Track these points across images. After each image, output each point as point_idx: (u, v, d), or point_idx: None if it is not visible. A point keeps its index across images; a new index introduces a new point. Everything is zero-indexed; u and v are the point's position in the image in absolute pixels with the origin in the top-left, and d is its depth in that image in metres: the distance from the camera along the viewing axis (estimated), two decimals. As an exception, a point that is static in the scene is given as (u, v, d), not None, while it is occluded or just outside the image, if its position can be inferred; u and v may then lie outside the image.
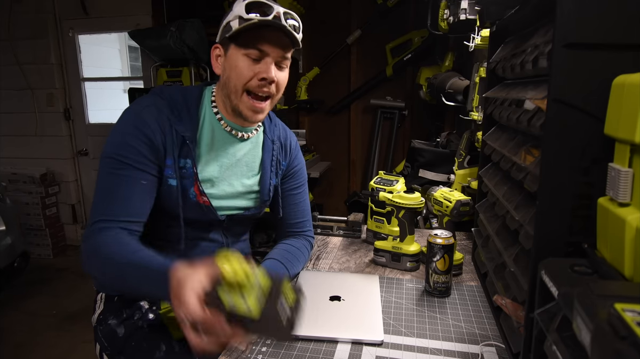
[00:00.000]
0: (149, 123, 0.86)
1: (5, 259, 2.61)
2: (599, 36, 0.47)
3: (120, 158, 0.84)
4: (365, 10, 3.05)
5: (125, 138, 0.85)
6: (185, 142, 0.89)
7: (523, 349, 0.56)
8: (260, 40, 0.85)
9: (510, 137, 0.78)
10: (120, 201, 0.83)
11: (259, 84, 0.87)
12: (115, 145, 0.86)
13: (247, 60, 0.86)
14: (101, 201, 0.84)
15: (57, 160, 3.47)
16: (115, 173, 0.84)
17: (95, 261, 0.80)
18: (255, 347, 0.75)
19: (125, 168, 0.84)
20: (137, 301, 0.93)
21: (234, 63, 0.87)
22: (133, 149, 0.85)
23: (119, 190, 0.84)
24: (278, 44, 0.86)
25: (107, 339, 0.90)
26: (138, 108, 0.89)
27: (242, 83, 0.87)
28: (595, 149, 0.49)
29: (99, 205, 0.83)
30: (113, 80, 3.98)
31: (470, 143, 1.59)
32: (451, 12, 1.68)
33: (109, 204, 0.83)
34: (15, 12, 3.24)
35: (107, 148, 0.87)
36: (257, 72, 0.86)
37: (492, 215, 0.87)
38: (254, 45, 0.85)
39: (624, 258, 0.41)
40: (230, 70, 0.88)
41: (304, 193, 1.12)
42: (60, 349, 2.17)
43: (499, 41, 0.92)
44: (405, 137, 3.21)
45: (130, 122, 0.87)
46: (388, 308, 0.88)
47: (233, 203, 0.98)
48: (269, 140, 1.03)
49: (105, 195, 0.84)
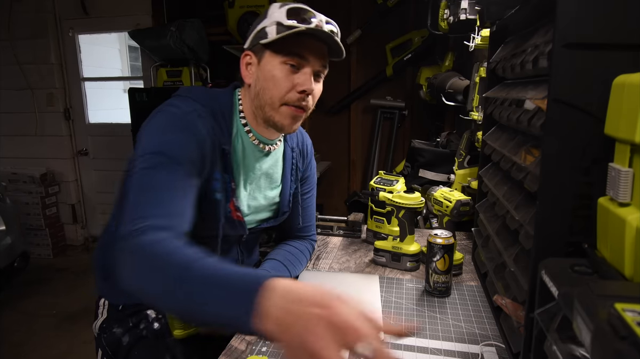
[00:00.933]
0: (199, 129, 0.77)
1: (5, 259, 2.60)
2: (599, 36, 0.47)
3: (171, 153, 0.72)
4: (365, 10, 3.05)
5: (174, 137, 0.74)
6: (225, 154, 0.83)
7: (523, 349, 0.56)
8: (301, 48, 0.80)
9: (510, 137, 0.78)
10: (171, 202, 0.68)
11: (299, 97, 0.81)
12: (162, 142, 0.73)
13: (286, 70, 0.80)
14: (146, 200, 0.67)
15: (57, 160, 3.47)
16: (165, 169, 0.70)
17: (142, 271, 0.58)
18: (255, 347, 0.75)
19: (177, 168, 0.71)
20: (142, 310, 0.91)
21: (270, 73, 0.81)
22: (185, 150, 0.74)
23: (170, 189, 0.69)
24: (319, 53, 0.81)
25: (112, 348, 0.89)
26: (181, 112, 0.78)
27: (280, 95, 0.81)
28: (596, 149, 0.49)
29: (142, 205, 0.66)
30: (113, 80, 3.99)
31: (470, 143, 1.59)
32: (451, 12, 1.68)
33: (158, 205, 0.66)
34: (15, 12, 3.24)
35: (148, 145, 0.73)
36: (296, 83, 0.80)
37: (492, 215, 0.87)
38: (294, 53, 0.79)
39: (624, 258, 0.41)
40: (265, 80, 0.81)
41: (313, 197, 1.10)
42: (60, 349, 2.17)
43: (499, 41, 0.92)
44: (405, 137, 3.21)
45: (178, 124, 0.76)
46: (388, 308, 0.88)
47: (255, 217, 0.96)
48: (289, 148, 0.99)
49: (152, 193, 0.67)
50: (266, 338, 0.47)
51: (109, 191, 3.50)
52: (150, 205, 0.66)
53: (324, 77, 0.87)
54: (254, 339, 0.78)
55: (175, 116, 0.77)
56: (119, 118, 3.34)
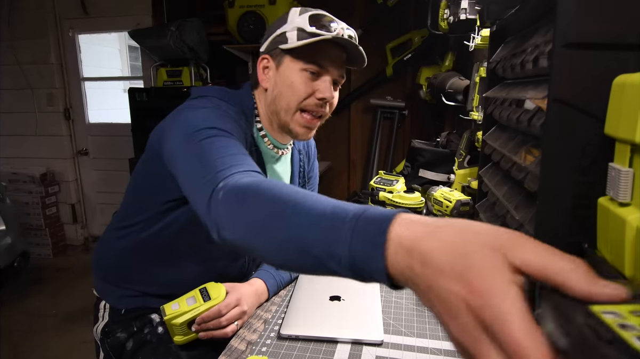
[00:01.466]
0: (237, 121, 0.77)
1: (5, 259, 2.61)
2: (599, 36, 0.47)
3: (224, 127, 0.69)
4: (365, 10, 3.05)
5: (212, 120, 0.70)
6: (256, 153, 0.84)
7: (523, 349, 0.56)
8: (322, 55, 0.79)
9: (510, 136, 0.78)
10: (244, 159, 0.64)
11: (316, 104, 0.81)
12: (200, 121, 0.70)
13: (305, 77, 0.80)
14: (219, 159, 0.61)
15: (57, 159, 3.47)
16: (224, 137, 0.67)
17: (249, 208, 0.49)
18: (255, 347, 0.75)
19: (233, 136, 0.69)
20: (146, 314, 0.91)
21: (289, 79, 0.80)
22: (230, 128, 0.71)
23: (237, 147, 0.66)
24: (339, 61, 0.81)
25: (115, 353, 0.88)
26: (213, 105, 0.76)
27: (297, 101, 0.81)
28: (595, 149, 0.49)
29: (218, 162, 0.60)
30: (113, 80, 3.98)
31: (470, 143, 1.59)
32: (451, 11, 1.68)
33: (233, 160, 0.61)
34: (15, 12, 3.24)
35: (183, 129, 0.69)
36: (315, 90, 0.80)
37: (492, 215, 0.87)
38: (314, 61, 0.79)
39: (624, 258, 0.41)
40: (283, 85, 0.81)
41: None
42: (60, 349, 2.17)
43: (499, 41, 0.92)
44: (405, 137, 3.21)
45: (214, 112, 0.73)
46: (388, 308, 0.88)
47: None
48: (297, 151, 1.00)
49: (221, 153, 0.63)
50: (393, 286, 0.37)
51: (109, 191, 3.50)
52: (225, 161, 0.60)
53: (340, 86, 0.87)
54: (254, 339, 0.78)
55: (211, 109, 0.74)
56: (119, 118, 3.34)
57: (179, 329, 0.79)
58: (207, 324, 0.78)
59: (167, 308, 0.79)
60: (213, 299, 0.79)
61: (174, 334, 0.80)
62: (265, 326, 0.82)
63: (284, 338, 0.77)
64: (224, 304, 0.79)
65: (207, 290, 0.81)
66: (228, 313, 0.79)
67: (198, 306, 0.79)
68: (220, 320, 0.78)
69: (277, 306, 0.91)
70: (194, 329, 0.79)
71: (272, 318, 0.86)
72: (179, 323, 0.78)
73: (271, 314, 0.87)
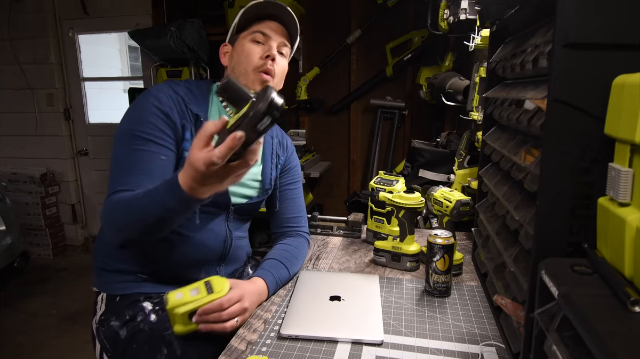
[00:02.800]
0: (165, 101, 0.92)
1: (5, 259, 2.61)
2: (599, 36, 0.47)
3: (140, 133, 0.88)
4: (365, 10, 3.05)
5: (143, 115, 0.90)
6: (199, 120, 0.95)
7: (523, 349, 0.56)
8: (263, 26, 0.99)
9: (510, 137, 0.78)
10: (142, 173, 0.85)
11: (264, 62, 0.98)
12: (133, 121, 0.90)
13: (253, 45, 0.99)
14: (122, 173, 0.86)
15: (57, 160, 3.47)
16: (136, 148, 0.87)
17: (116, 219, 0.84)
18: (255, 347, 0.75)
19: (145, 143, 0.87)
20: (138, 300, 0.93)
21: (242, 49, 0.99)
22: (152, 124, 0.89)
23: (139, 163, 0.86)
24: (279, 31, 1.01)
25: (109, 341, 0.89)
26: (154, 90, 0.94)
27: (252, 63, 0.98)
28: (595, 149, 0.49)
29: (119, 177, 0.86)
30: (113, 80, 3.99)
31: (470, 143, 1.59)
32: (451, 12, 1.68)
33: (131, 176, 0.85)
34: (15, 12, 3.24)
35: (123, 126, 0.90)
36: (262, 53, 0.98)
37: (492, 215, 0.87)
38: (258, 30, 0.99)
39: (624, 258, 0.41)
40: (238, 55, 0.99)
41: (300, 189, 1.19)
42: (60, 349, 2.17)
43: (499, 41, 0.92)
44: (405, 137, 3.21)
45: (147, 101, 0.91)
46: (388, 308, 0.88)
47: (238, 190, 1.03)
48: (268, 135, 1.10)
49: (126, 168, 0.86)
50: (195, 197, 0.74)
51: (109, 191, 3.50)
52: (125, 176, 0.86)
53: (288, 55, 1.06)
54: (254, 339, 0.78)
55: (149, 94, 0.93)
56: (119, 118, 3.26)
57: (180, 319, 0.79)
58: (208, 317, 0.80)
59: (171, 297, 0.80)
60: (216, 293, 0.80)
61: (175, 323, 0.80)
62: (265, 326, 0.82)
63: (284, 338, 0.78)
64: (226, 298, 0.80)
65: (211, 283, 0.82)
66: (229, 307, 0.81)
67: (201, 297, 0.79)
68: (221, 314, 0.80)
69: (277, 306, 0.91)
70: (194, 321, 0.80)
71: (272, 318, 0.86)
72: (180, 312, 0.78)
73: (271, 314, 0.87)
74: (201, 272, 0.99)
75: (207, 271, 1.00)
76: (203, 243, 0.97)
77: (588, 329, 0.35)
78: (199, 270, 0.99)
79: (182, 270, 0.97)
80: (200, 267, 1.00)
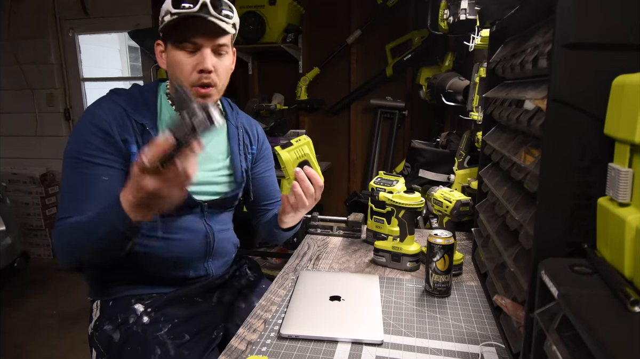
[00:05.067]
0: (102, 117, 0.87)
1: (5, 259, 2.61)
2: (599, 36, 0.47)
3: (79, 155, 0.86)
4: (365, 10, 3.05)
5: (81, 135, 0.87)
6: (146, 130, 0.90)
7: (523, 349, 0.56)
8: (191, 32, 0.86)
9: (510, 137, 0.78)
10: (85, 199, 0.84)
11: (199, 77, 0.89)
12: (73, 143, 0.87)
13: (184, 55, 0.88)
14: (67, 200, 0.85)
15: (57, 160, 3.45)
16: (77, 171, 0.86)
17: (63, 244, 0.82)
18: (255, 347, 0.75)
19: (85, 166, 0.85)
20: (129, 304, 0.92)
21: (172, 59, 0.89)
22: (90, 145, 0.86)
23: (82, 188, 0.85)
24: (209, 33, 0.87)
25: (104, 346, 0.89)
26: (92, 106, 0.91)
27: (185, 78, 0.89)
28: (595, 149, 0.49)
29: (65, 204, 0.85)
30: (113, 80, 3.98)
31: (470, 143, 1.59)
32: (451, 12, 1.68)
33: (74, 202, 0.84)
34: (15, 12, 3.24)
35: (67, 147, 0.88)
36: (195, 64, 0.88)
37: (492, 215, 0.87)
38: (186, 39, 0.87)
39: (624, 258, 0.41)
40: (171, 66, 0.91)
41: (274, 176, 1.20)
42: (60, 349, 2.17)
43: (499, 41, 0.92)
44: (405, 137, 3.20)
45: (86, 119, 0.88)
46: (388, 308, 0.88)
47: (207, 188, 1.01)
48: (233, 126, 1.06)
49: (71, 194, 0.85)
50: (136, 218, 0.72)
51: (109, 191, 3.50)
52: (70, 203, 0.84)
53: (230, 51, 0.94)
54: (254, 339, 0.78)
55: (88, 112, 0.89)
56: None
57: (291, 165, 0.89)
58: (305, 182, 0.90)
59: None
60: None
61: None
62: (265, 326, 0.82)
63: (284, 338, 0.78)
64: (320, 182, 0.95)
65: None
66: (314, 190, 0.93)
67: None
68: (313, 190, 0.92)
69: (277, 306, 0.91)
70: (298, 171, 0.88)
71: (272, 318, 0.86)
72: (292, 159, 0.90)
73: (271, 314, 0.87)
74: (189, 270, 0.99)
75: (195, 268, 1.00)
76: (183, 242, 0.96)
77: (588, 329, 0.35)
78: (187, 269, 0.99)
79: (168, 271, 0.97)
80: (187, 266, 0.99)
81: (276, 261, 2.74)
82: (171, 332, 0.90)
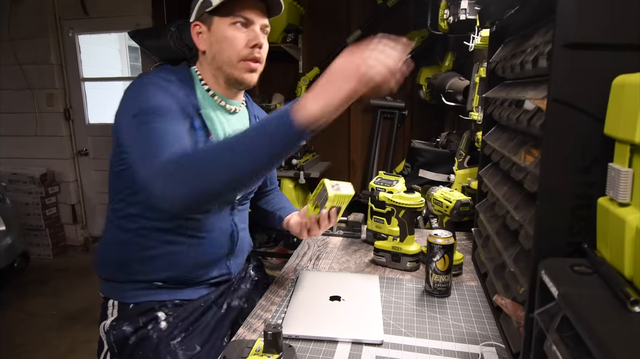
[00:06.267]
0: (169, 89, 0.85)
1: (5, 259, 2.61)
2: (599, 36, 0.47)
3: (159, 111, 0.79)
4: (365, 10, 3.05)
5: (154, 99, 0.81)
6: (199, 112, 0.90)
7: (523, 349, 0.56)
8: (244, 8, 0.89)
9: (510, 137, 0.78)
10: (178, 141, 0.76)
11: (251, 51, 0.91)
12: (145, 101, 0.80)
13: (236, 30, 0.89)
14: (161, 140, 0.75)
15: (57, 160, 3.47)
16: (159, 121, 0.78)
17: (187, 174, 0.70)
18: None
19: (168, 119, 0.79)
20: (153, 309, 0.91)
21: (222, 35, 0.90)
22: (168, 106, 0.81)
23: (169, 135, 0.76)
24: (260, 11, 0.92)
25: (118, 345, 0.89)
26: (149, 79, 0.86)
27: (236, 52, 0.90)
28: (595, 149, 0.49)
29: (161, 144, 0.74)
30: (113, 80, 3.98)
31: (470, 143, 1.59)
32: (451, 12, 1.68)
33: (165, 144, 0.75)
34: (15, 12, 3.24)
35: (132, 109, 0.80)
36: (248, 39, 0.90)
37: (492, 215, 0.87)
38: (239, 14, 0.89)
39: (624, 258, 0.41)
40: (219, 42, 0.90)
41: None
42: (60, 349, 2.17)
43: (499, 41, 0.92)
44: (405, 137, 3.20)
45: (150, 88, 0.83)
46: (388, 308, 0.88)
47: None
48: (252, 115, 1.08)
49: (154, 140, 0.75)
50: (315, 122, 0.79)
51: (109, 191, 3.50)
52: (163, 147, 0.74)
53: (267, 34, 0.96)
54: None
55: (148, 83, 0.85)
56: None
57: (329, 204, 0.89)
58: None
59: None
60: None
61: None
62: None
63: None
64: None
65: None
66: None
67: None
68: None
69: (277, 306, 0.91)
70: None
71: (272, 318, 0.86)
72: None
73: (271, 314, 0.87)
74: (213, 270, 0.98)
75: (218, 268, 0.99)
76: (214, 242, 0.96)
77: (588, 329, 0.35)
78: (212, 269, 0.98)
79: (196, 272, 0.96)
80: (213, 265, 0.98)
81: (276, 261, 2.74)
82: (184, 342, 0.89)
